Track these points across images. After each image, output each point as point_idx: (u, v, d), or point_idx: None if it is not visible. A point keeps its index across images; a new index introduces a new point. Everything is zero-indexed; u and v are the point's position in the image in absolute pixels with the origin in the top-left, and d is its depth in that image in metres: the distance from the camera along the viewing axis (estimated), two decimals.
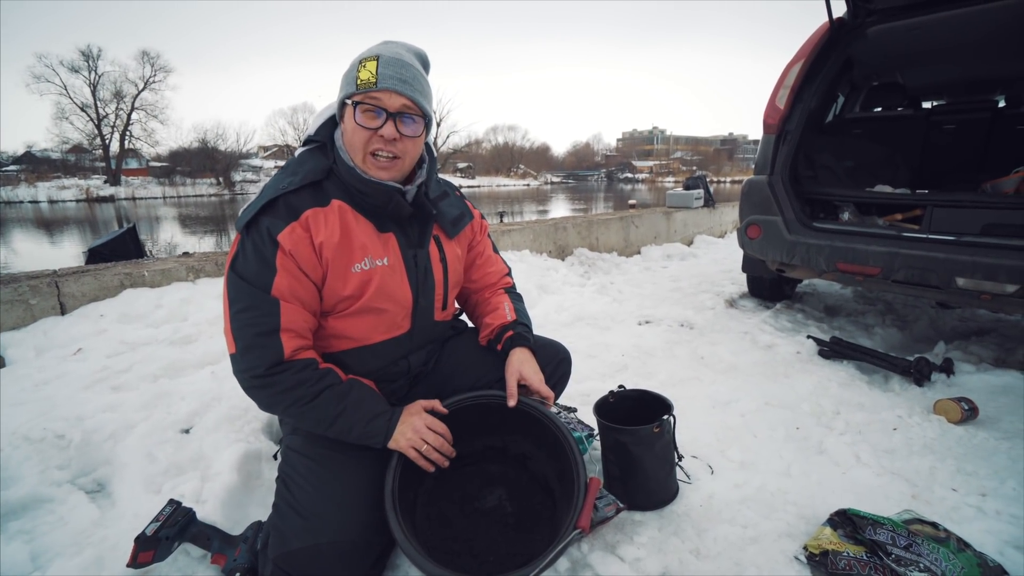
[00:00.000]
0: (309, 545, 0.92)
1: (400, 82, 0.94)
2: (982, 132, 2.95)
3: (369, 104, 0.95)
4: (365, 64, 0.94)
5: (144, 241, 5.96)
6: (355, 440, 1.01)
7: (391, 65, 0.94)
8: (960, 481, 1.37)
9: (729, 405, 1.81)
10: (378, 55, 0.95)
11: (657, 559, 1.10)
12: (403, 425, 1.02)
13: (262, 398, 1.00)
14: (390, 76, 0.94)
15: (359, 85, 0.94)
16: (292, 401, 0.97)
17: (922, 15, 2.34)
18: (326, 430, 1.00)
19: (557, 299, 3.11)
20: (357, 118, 0.95)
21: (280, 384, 0.96)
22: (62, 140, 36.17)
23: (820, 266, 2.30)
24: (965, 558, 1.01)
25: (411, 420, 1.03)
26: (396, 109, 0.95)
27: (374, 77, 0.93)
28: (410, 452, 1.00)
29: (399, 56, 0.96)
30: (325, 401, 0.98)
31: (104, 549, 1.08)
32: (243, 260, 0.96)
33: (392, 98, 0.95)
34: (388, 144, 0.97)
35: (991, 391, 1.86)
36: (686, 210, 5.79)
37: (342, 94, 0.98)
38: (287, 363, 0.96)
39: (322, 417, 0.98)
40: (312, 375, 0.98)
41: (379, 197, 1.01)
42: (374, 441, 1.00)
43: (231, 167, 39.26)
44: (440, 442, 1.03)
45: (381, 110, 0.95)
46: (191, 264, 2.52)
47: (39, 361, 1.82)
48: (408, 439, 1.01)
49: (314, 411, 0.98)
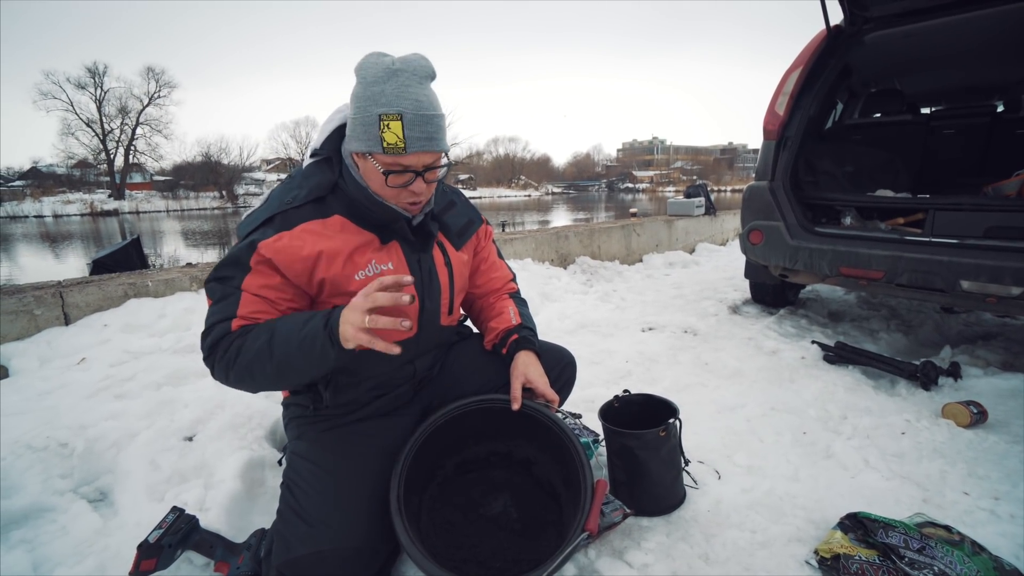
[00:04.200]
0: (313, 551, 0.91)
1: (428, 141, 0.91)
2: (982, 136, 2.97)
3: (398, 169, 0.93)
4: (389, 124, 0.88)
5: (148, 253, 5.99)
6: (301, 356, 0.88)
7: (417, 125, 0.90)
8: (972, 485, 1.35)
9: (735, 410, 1.79)
10: (401, 114, 0.88)
11: (665, 564, 1.08)
12: (345, 313, 0.85)
13: (220, 375, 0.95)
14: (418, 138, 0.90)
15: (386, 149, 0.90)
16: (234, 359, 0.90)
17: (918, 22, 2.36)
18: (272, 368, 0.89)
19: (560, 307, 3.11)
20: (389, 181, 0.94)
21: (220, 352, 0.92)
22: (68, 155, 36.68)
23: (823, 271, 2.30)
24: (981, 561, 0.99)
25: (352, 304, 0.85)
26: (424, 167, 0.95)
27: (402, 142, 0.89)
28: (361, 337, 0.83)
29: (422, 111, 0.90)
30: (255, 337, 0.90)
31: (106, 558, 1.07)
32: (222, 263, 0.97)
33: (421, 158, 0.93)
34: (416, 195, 0.97)
35: (1000, 395, 1.84)
36: (687, 218, 5.80)
37: (363, 147, 0.92)
38: (226, 337, 0.93)
39: (260, 353, 0.89)
40: (242, 332, 0.93)
41: (386, 215, 1.01)
42: (319, 343, 0.86)
43: (234, 180, 39.60)
44: (388, 297, 0.82)
45: (409, 169, 0.93)
46: (194, 274, 2.52)
47: (43, 371, 1.82)
48: (354, 322, 0.83)
49: (251, 354, 0.89)
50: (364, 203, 0.99)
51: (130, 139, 37.19)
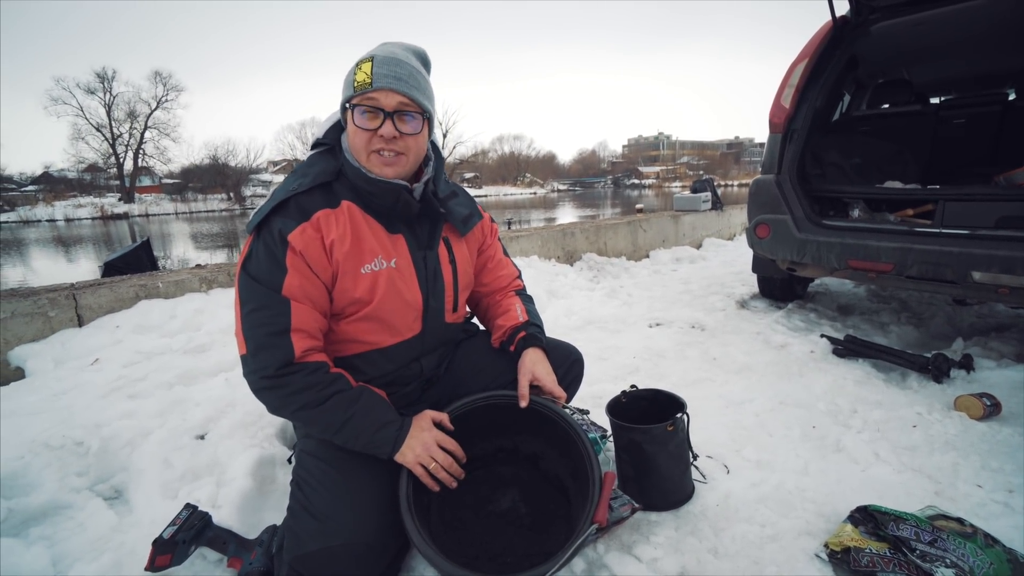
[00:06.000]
0: (323, 547, 0.92)
1: (395, 80, 0.94)
2: (993, 125, 2.92)
3: (366, 105, 0.95)
4: (361, 66, 0.95)
5: (158, 255, 6.05)
6: (361, 448, 0.99)
7: (386, 64, 0.94)
8: (985, 477, 1.33)
9: (743, 405, 1.79)
10: (373, 56, 0.96)
11: (674, 559, 1.08)
12: (412, 439, 0.99)
13: (271, 400, 0.99)
14: (385, 75, 0.94)
15: (356, 87, 0.94)
16: (301, 404, 0.96)
17: (926, 10, 2.33)
18: (333, 436, 0.99)
19: (566, 303, 3.10)
20: (356, 120, 0.96)
21: (290, 386, 0.96)
22: (78, 160, 37.25)
23: (831, 264, 2.27)
24: (994, 554, 0.98)
25: (421, 435, 1.00)
26: (394, 107, 0.95)
27: (369, 78, 0.93)
28: (416, 469, 0.98)
29: (394, 55, 0.96)
30: (333, 406, 0.97)
31: (122, 554, 1.08)
32: (255, 260, 0.96)
33: (389, 97, 0.94)
34: (389, 143, 0.97)
35: (1013, 387, 1.82)
36: (694, 213, 5.77)
37: (342, 98, 0.99)
38: (297, 365, 0.96)
39: (330, 422, 0.97)
40: (322, 379, 0.97)
41: (387, 196, 1.01)
42: (380, 451, 0.98)
43: (241, 182, 39.92)
44: (448, 461, 1.01)
45: (379, 110, 0.95)
46: (204, 275, 2.55)
47: (58, 372, 1.85)
48: (416, 455, 0.98)
49: (322, 415, 0.97)
50: (363, 186, 1.01)
51: (139, 143, 37.65)
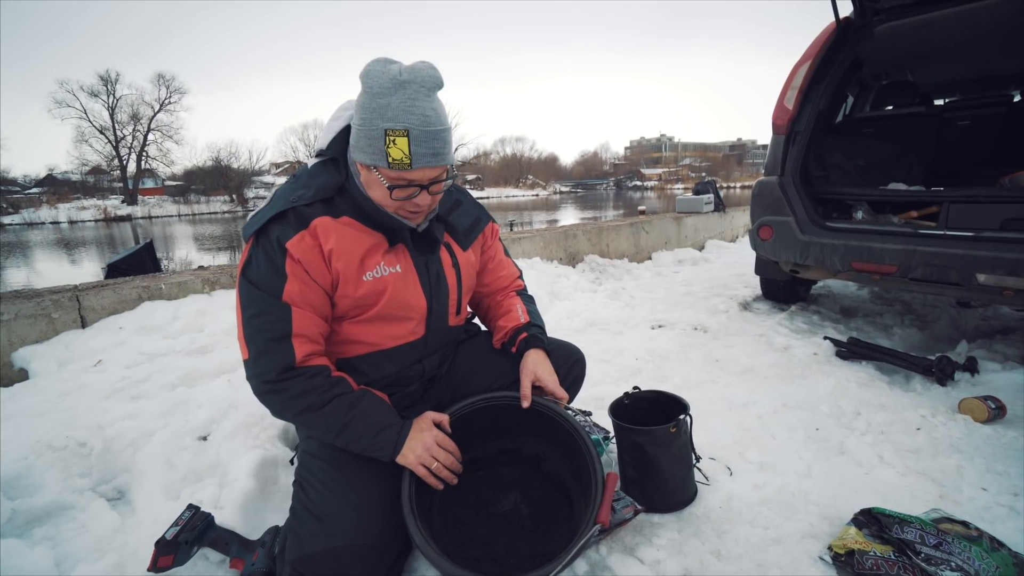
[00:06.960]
0: (326, 548, 0.92)
1: (434, 156, 0.90)
2: (998, 127, 2.91)
3: (403, 183, 0.92)
4: (395, 140, 0.87)
5: (160, 257, 6.08)
6: (362, 451, 0.99)
7: (424, 141, 0.88)
8: (990, 480, 1.33)
9: (746, 407, 1.78)
10: (408, 130, 0.87)
11: (677, 561, 1.08)
12: (412, 440, 1.00)
13: (274, 404, 1.00)
14: (424, 154, 0.89)
15: (391, 164, 0.89)
16: (302, 407, 0.97)
17: (930, 12, 2.32)
18: (335, 438, 1.00)
19: (569, 305, 3.10)
20: (393, 195, 0.93)
21: (291, 390, 0.96)
22: (82, 162, 37.47)
23: (835, 266, 2.27)
24: (1000, 557, 0.97)
25: (421, 436, 1.01)
26: (430, 180, 0.94)
27: (407, 158, 0.88)
28: (419, 469, 0.99)
29: (429, 127, 0.88)
30: (334, 409, 0.97)
31: (125, 555, 1.09)
32: (254, 266, 0.97)
33: (426, 172, 0.92)
34: (419, 207, 0.97)
35: (1018, 389, 1.81)
36: (696, 215, 5.77)
37: (367, 160, 0.91)
38: (298, 369, 0.97)
39: (331, 425, 0.98)
40: (323, 382, 0.98)
41: (390, 221, 1.01)
42: (382, 454, 0.99)
43: (244, 184, 40.03)
44: (450, 460, 1.02)
45: (414, 183, 0.93)
46: (206, 277, 2.56)
47: (61, 373, 1.86)
48: (417, 455, 0.99)
49: (323, 419, 0.98)
50: (368, 210, 1.00)
51: (142, 145, 37.84)
